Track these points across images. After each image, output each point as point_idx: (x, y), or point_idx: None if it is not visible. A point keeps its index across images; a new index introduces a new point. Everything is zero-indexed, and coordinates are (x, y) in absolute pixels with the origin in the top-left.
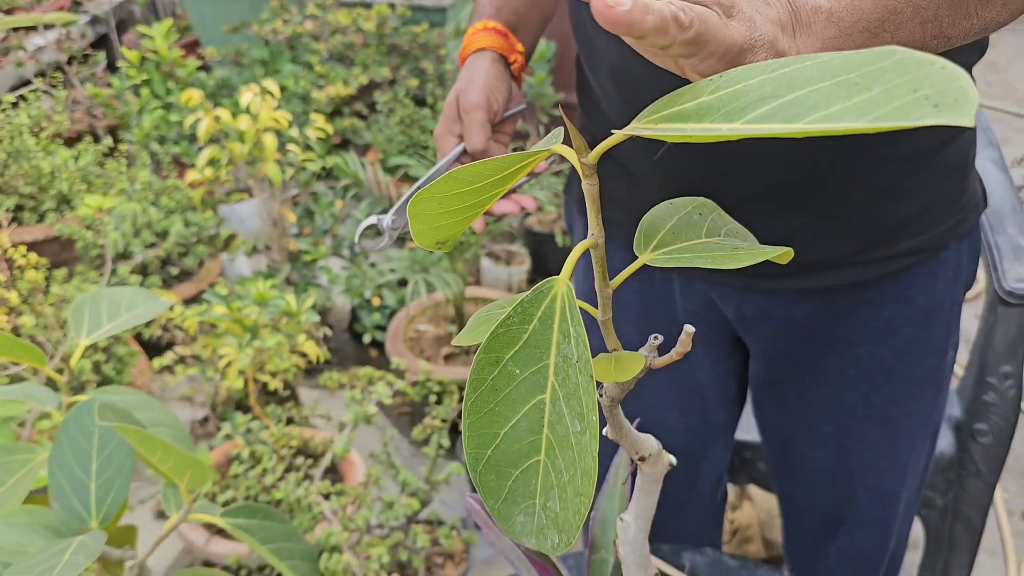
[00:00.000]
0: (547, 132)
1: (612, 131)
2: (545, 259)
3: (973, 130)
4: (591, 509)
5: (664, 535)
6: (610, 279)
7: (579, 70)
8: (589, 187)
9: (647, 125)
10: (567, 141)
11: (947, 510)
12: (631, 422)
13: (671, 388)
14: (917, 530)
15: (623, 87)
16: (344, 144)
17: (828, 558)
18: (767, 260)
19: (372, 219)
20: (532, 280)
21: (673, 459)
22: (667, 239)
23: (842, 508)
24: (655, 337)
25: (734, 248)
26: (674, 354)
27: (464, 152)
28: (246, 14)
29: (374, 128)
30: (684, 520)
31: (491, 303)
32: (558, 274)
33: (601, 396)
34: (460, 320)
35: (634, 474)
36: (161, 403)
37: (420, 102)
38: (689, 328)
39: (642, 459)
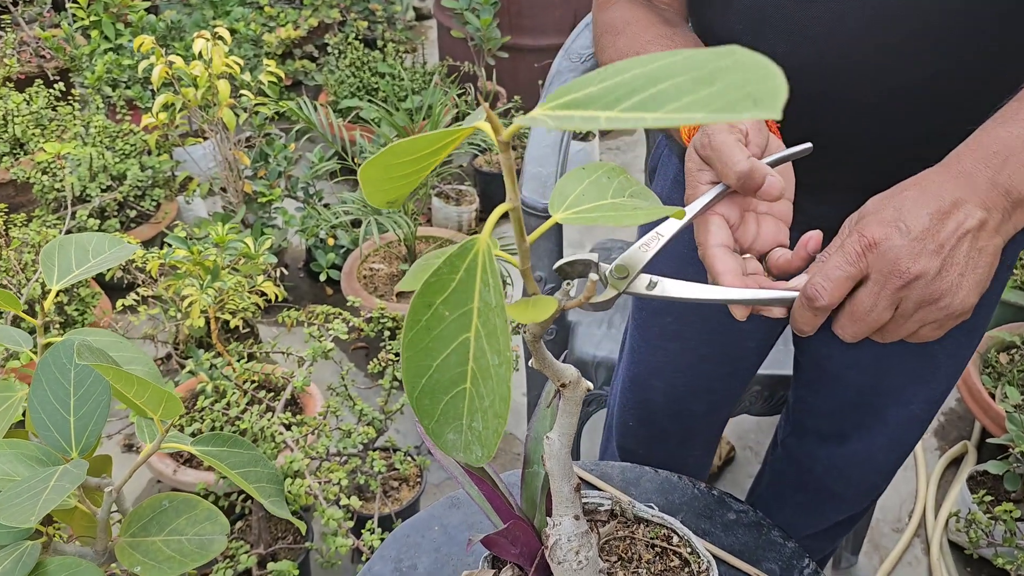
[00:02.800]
0: (494, 72)
1: None
2: (494, 199)
3: None
4: (528, 429)
5: (666, 467)
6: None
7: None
8: (505, 159)
9: (548, 112)
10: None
11: None
12: (669, 360)
13: (712, 338)
14: None
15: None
16: (296, 86)
17: (833, 458)
18: (853, 201)
19: (584, 256)
20: (482, 219)
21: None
22: (578, 200)
23: (864, 418)
24: (567, 283)
25: (635, 207)
26: (581, 297)
27: (722, 192)
28: None
29: (325, 70)
30: (691, 449)
31: (427, 253)
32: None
33: (525, 333)
34: (412, 259)
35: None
36: (132, 344)
37: (370, 44)
38: (593, 276)
39: (563, 386)
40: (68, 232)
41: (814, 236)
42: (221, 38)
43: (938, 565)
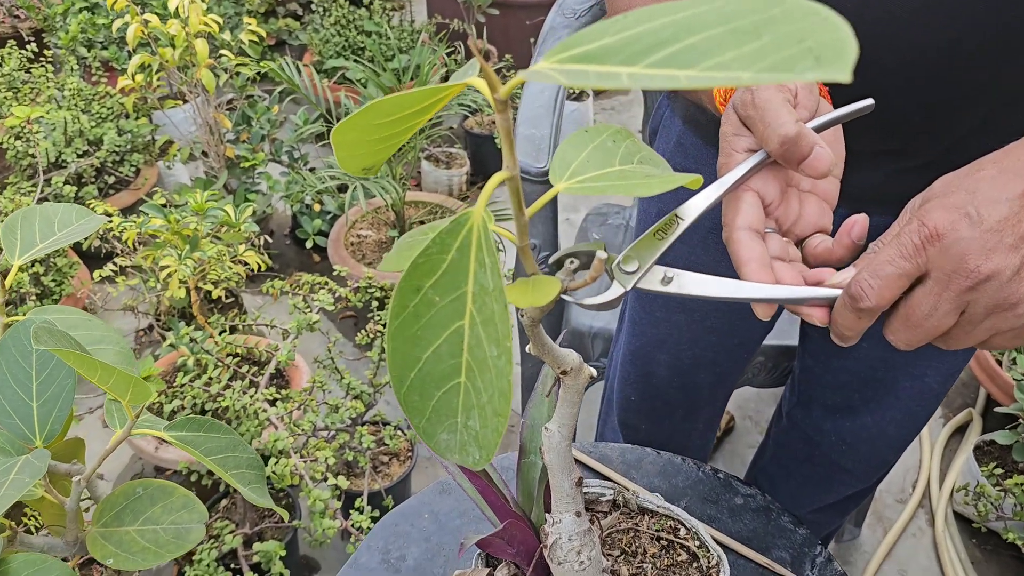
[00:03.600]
0: (484, 30)
1: None
2: (485, 162)
3: None
4: (523, 416)
5: (671, 442)
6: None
7: None
8: (503, 121)
9: (556, 66)
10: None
11: None
12: (673, 333)
13: (719, 309)
14: None
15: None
16: (279, 45)
17: (841, 431)
18: (891, 185)
19: (587, 247)
20: (473, 183)
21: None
22: (582, 167)
23: (875, 391)
24: (571, 261)
25: (646, 175)
26: (587, 278)
27: (760, 162)
28: None
29: (309, 29)
30: (695, 423)
31: (413, 230)
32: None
33: (522, 316)
34: (401, 225)
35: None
36: (101, 319)
37: (355, 2)
38: (601, 254)
39: (564, 373)
40: (43, 200)
41: (859, 221)
42: None
43: (943, 537)
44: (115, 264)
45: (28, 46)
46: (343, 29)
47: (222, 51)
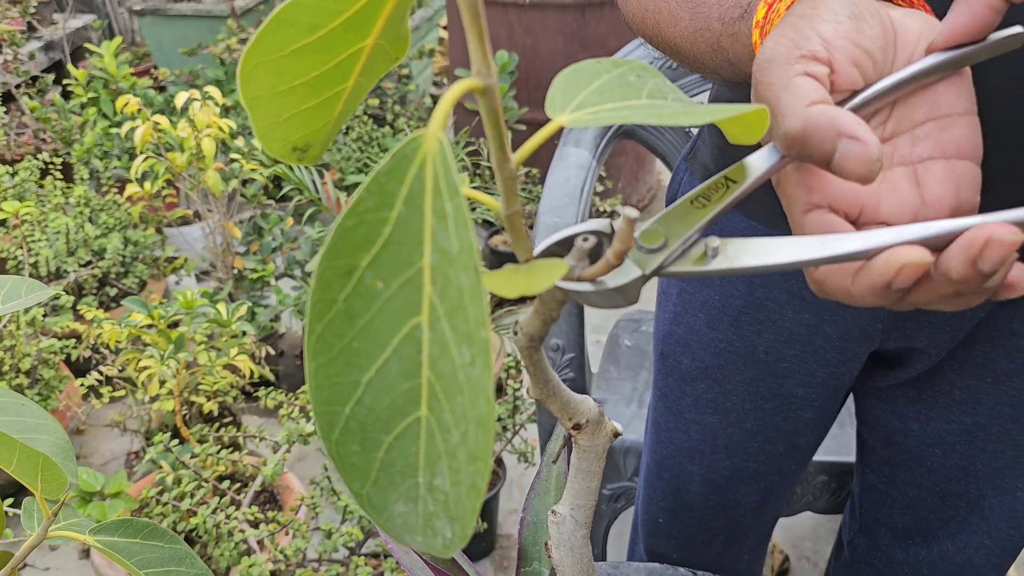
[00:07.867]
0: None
1: None
2: None
3: None
4: (523, 510)
5: (714, 572)
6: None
7: None
8: None
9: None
10: None
11: None
12: (707, 439)
13: (759, 408)
14: None
15: None
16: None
17: (916, 562)
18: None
19: (590, 226)
20: (501, 304)
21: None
22: (592, 99)
23: (955, 511)
24: (584, 239)
25: (687, 105)
26: (610, 255)
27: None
28: (204, 37)
29: (333, 148)
30: (738, 553)
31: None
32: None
33: (516, 335)
34: None
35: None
36: (40, 408)
37: (380, 121)
38: (630, 212)
39: (577, 428)
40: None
41: None
42: (211, 97)
43: None
44: (100, 373)
45: (39, 156)
46: (365, 146)
47: (233, 155)
